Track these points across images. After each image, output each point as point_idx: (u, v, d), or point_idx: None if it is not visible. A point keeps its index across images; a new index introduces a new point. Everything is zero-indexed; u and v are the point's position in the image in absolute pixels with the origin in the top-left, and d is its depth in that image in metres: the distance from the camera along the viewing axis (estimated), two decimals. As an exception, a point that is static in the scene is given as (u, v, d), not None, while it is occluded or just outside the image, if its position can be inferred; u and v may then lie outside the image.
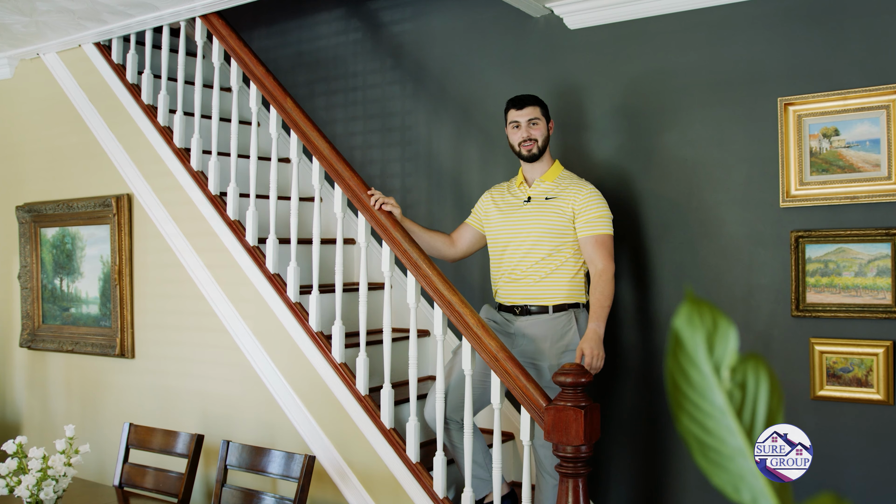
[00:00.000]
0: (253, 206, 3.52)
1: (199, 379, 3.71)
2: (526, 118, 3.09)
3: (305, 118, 3.35)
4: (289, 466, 2.91)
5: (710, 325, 0.61)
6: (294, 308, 3.36)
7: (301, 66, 4.48)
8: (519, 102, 3.12)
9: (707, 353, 0.62)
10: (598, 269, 2.96)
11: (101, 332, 4.15)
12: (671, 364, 0.62)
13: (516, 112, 3.11)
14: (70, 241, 4.35)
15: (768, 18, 3.06)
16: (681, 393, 0.63)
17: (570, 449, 2.53)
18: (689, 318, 0.61)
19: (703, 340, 0.62)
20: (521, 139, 3.10)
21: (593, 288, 2.96)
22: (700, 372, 0.62)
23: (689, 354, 0.62)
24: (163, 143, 3.82)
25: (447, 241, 3.30)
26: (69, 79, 4.24)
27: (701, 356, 0.62)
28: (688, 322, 0.61)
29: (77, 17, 3.82)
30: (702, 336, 0.62)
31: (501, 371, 2.75)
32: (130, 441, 3.43)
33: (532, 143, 3.09)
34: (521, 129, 3.10)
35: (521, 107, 3.10)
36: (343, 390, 3.20)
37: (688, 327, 0.61)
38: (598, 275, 2.96)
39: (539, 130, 3.10)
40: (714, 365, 0.62)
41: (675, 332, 0.62)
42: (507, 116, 3.15)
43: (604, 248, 2.97)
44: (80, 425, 4.06)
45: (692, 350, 0.62)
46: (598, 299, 2.93)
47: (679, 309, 0.62)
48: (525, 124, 3.09)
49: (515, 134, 3.12)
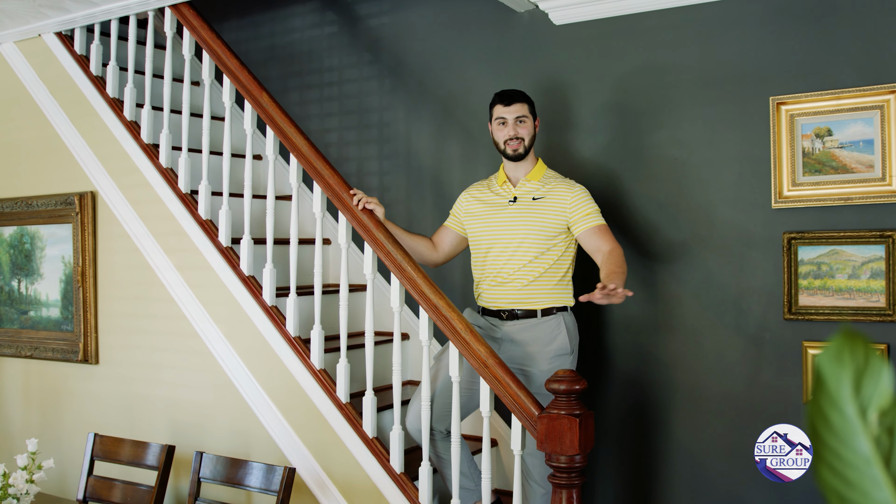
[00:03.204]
0: (226, 205, 3.36)
1: (168, 386, 3.54)
2: (513, 115, 2.96)
3: (282, 113, 3.21)
4: (267, 479, 2.78)
5: (860, 362, 0.51)
6: (270, 311, 3.22)
7: (274, 59, 4.33)
8: (507, 98, 2.97)
9: (853, 393, 0.52)
10: (609, 249, 2.79)
11: (63, 336, 3.95)
12: (811, 408, 0.52)
13: (503, 108, 2.97)
14: (29, 240, 4.13)
15: (760, 16, 3.00)
16: (820, 441, 0.53)
17: (563, 459, 2.44)
18: (837, 353, 0.51)
19: (850, 379, 0.52)
20: (508, 137, 2.97)
21: (606, 262, 2.73)
22: (842, 415, 0.52)
23: (831, 395, 0.52)
24: (129, 138, 3.64)
25: (430, 245, 3.17)
26: (28, 70, 4.03)
27: (844, 396, 0.52)
28: (835, 358, 0.51)
29: (37, 5, 3.62)
30: (849, 374, 0.52)
31: (491, 378, 2.64)
32: (95, 452, 3.26)
33: (518, 143, 2.97)
34: (508, 127, 2.96)
35: (508, 103, 2.96)
36: (322, 397, 3.07)
37: (834, 364, 0.51)
38: (609, 252, 2.77)
39: (526, 129, 2.98)
40: (860, 407, 0.52)
41: (818, 369, 0.51)
42: (493, 111, 3.00)
43: (607, 233, 2.86)
44: (40, 435, 3.85)
45: (834, 389, 0.52)
46: (612, 268, 2.67)
47: (827, 344, 0.51)
48: (512, 122, 2.96)
49: (501, 131, 2.98)
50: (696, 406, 3.12)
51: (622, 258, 2.77)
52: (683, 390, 3.14)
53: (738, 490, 3.04)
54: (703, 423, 3.11)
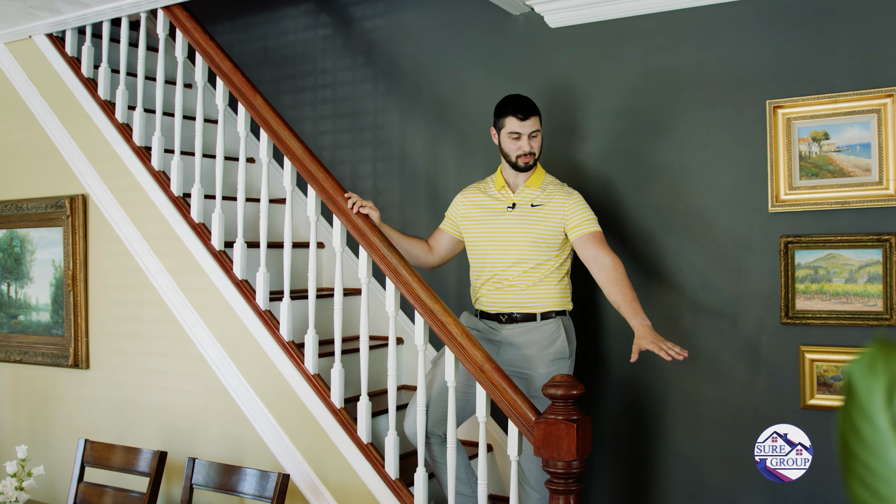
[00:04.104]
0: (219, 208, 3.33)
1: (159, 391, 3.50)
2: (528, 130, 2.89)
3: (276, 116, 3.18)
4: (260, 485, 2.74)
5: (894, 372, 0.49)
6: (264, 316, 3.18)
7: (267, 62, 4.30)
8: (523, 111, 2.89)
9: (885, 403, 0.50)
10: (608, 263, 2.75)
11: (53, 340, 3.90)
12: (842, 419, 0.50)
13: (518, 123, 2.89)
14: (19, 243, 4.09)
15: (757, 19, 2.99)
16: (850, 454, 0.50)
17: (561, 464, 2.42)
18: (870, 363, 0.49)
19: (883, 389, 0.50)
20: (522, 153, 2.91)
21: (614, 284, 2.70)
22: (874, 426, 0.50)
23: (862, 405, 0.50)
24: (121, 140, 3.60)
25: (425, 247, 3.14)
26: (18, 72, 3.99)
27: (876, 407, 0.50)
28: (868, 368, 0.49)
29: (28, 6, 3.58)
30: (881, 384, 0.49)
31: (487, 383, 2.62)
32: (86, 458, 3.21)
33: (530, 157, 2.94)
34: (522, 142, 2.90)
35: (525, 117, 2.88)
36: (316, 402, 3.04)
37: (866, 374, 0.49)
38: (610, 268, 2.74)
39: (538, 142, 2.94)
40: (892, 418, 0.50)
41: (849, 378, 0.49)
42: (505, 122, 2.92)
43: (603, 241, 2.83)
44: (30, 442, 3.80)
45: (865, 400, 0.50)
46: (626, 293, 2.66)
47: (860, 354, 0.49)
48: (527, 137, 2.90)
49: (513, 144, 2.91)
50: (693, 411, 3.10)
51: (626, 277, 2.71)
52: (680, 395, 3.13)
53: (734, 495, 3.02)
54: (699, 428, 3.09)
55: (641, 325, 2.58)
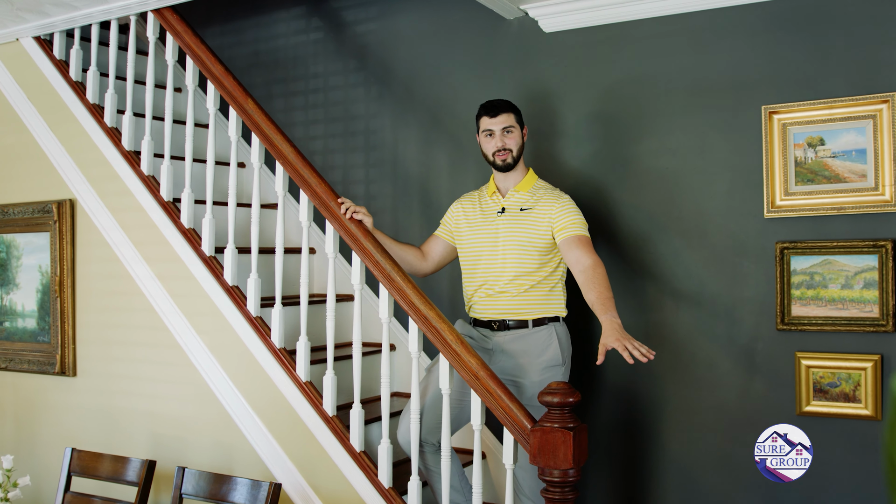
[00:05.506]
0: (210, 214, 3.29)
1: (148, 399, 3.45)
2: (500, 126, 2.93)
3: (268, 120, 3.15)
4: (251, 495, 2.70)
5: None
6: (255, 322, 3.14)
7: (258, 66, 4.26)
8: (492, 109, 2.94)
9: (932, 417, 0.47)
10: (588, 264, 2.68)
11: (39, 347, 3.84)
12: (889, 434, 0.47)
13: (489, 120, 2.94)
14: (5, 249, 4.03)
15: (752, 25, 2.98)
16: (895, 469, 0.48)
17: (557, 473, 2.39)
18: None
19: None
20: (496, 149, 2.94)
21: (591, 283, 2.64)
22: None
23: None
24: (110, 145, 3.55)
25: (419, 254, 3.12)
26: (5, 74, 3.93)
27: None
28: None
29: (16, 9, 3.53)
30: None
31: (483, 390, 2.59)
32: (73, 468, 3.15)
33: (507, 153, 2.94)
34: (496, 139, 2.93)
35: (494, 114, 2.93)
36: (308, 410, 3.00)
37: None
38: (590, 269, 2.67)
39: (514, 139, 2.95)
40: (939, 432, 0.47)
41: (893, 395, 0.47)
42: (479, 124, 2.98)
43: (588, 245, 2.78)
44: (15, 451, 3.74)
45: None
46: (601, 291, 2.59)
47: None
48: (499, 133, 2.93)
49: (489, 143, 2.96)
50: (689, 418, 3.08)
51: (605, 277, 2.66)
52: (675, 401, 3.11)
53: (730, 502, 3.00)
54: (695, 435, 3.07)
55: (610, 321, 2.48)
